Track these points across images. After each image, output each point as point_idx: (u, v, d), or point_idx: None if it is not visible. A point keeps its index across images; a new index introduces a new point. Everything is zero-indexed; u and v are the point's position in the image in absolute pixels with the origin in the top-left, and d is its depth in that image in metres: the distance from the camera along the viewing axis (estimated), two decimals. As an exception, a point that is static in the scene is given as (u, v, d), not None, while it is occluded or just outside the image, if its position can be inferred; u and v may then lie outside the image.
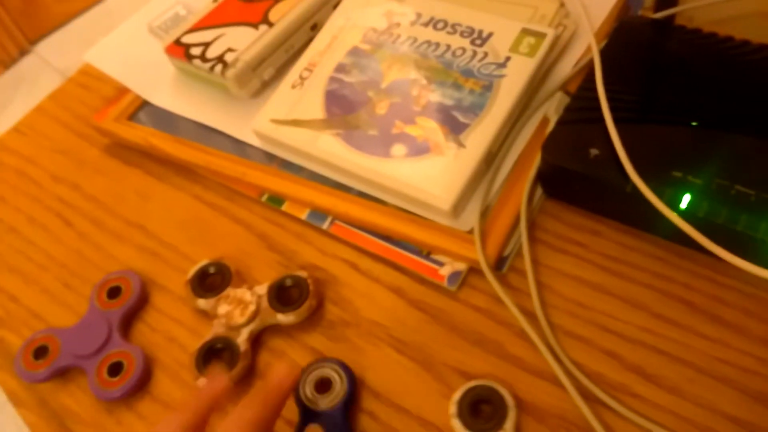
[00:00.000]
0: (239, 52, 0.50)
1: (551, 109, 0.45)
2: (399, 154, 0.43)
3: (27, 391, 0.42)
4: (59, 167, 0.54)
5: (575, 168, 0.39)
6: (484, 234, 0.41)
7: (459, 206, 0.42)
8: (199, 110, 0.53)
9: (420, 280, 0.41)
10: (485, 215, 0.42)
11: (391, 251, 0.42)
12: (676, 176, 0.36)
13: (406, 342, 0.39)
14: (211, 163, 0.49)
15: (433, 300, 0.40)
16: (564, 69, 0.47)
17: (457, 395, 0.35)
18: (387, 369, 0.38)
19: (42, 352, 0.42)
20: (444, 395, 0.36)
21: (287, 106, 0.48)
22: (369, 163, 0.44)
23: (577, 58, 0.48)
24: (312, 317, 0.41)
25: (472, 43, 0.47)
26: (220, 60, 0.50)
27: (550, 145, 0.40)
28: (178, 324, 0.43)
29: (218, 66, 0.50)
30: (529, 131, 0.45)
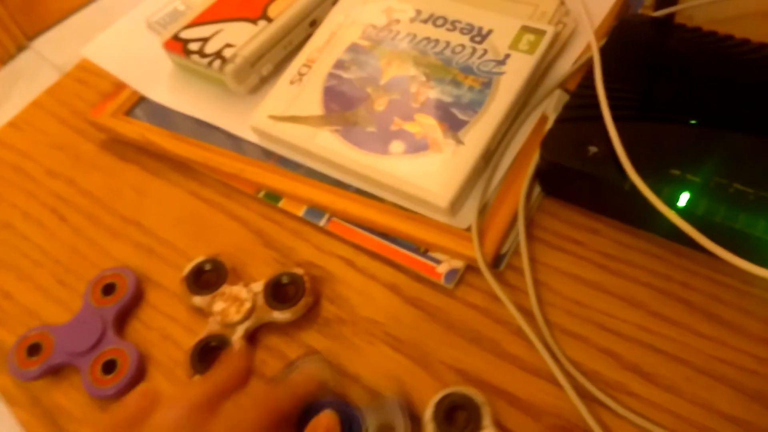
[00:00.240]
0: (238, 48, 0.50)
1: (550, 107, 0.45)
2: (397, 151, 0.43)
3: (20, 389, 0.42)
4: (55, 162, 0.54)
5: (574, 166, 0.39)
6: (482, 231, 0.41)
7: (457, 203, 0.41)
8: (197, 106, 0.53)
9: (417, 278, 0.41)
10: (483, 213, 0.42)
11: (388, 248, 0.42)
12: (675, 174, 0.36)
13: (403, 339, 0.39)
14: (208, 159, 0.49)
15: (430, 297, 0.40)
16: (563, 67, 0.47)
17: (429, 411, 0.34)
18: (383, 366, 0.38)
19: (35, 350, 0.41)
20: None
21: (285, 103, 0.48)
22: (367, 160, 0.44)
23: (577, 56, 0.47)
24: (308, 314, 0.41)
25: (472, 40, 0.46)
26: (219, 55, 0.50)
27: (549, 143, 0.40)
28: (173, 321, 0.43)
29: (216, 61, 0.50)
30: (528, 129, 0.45)
